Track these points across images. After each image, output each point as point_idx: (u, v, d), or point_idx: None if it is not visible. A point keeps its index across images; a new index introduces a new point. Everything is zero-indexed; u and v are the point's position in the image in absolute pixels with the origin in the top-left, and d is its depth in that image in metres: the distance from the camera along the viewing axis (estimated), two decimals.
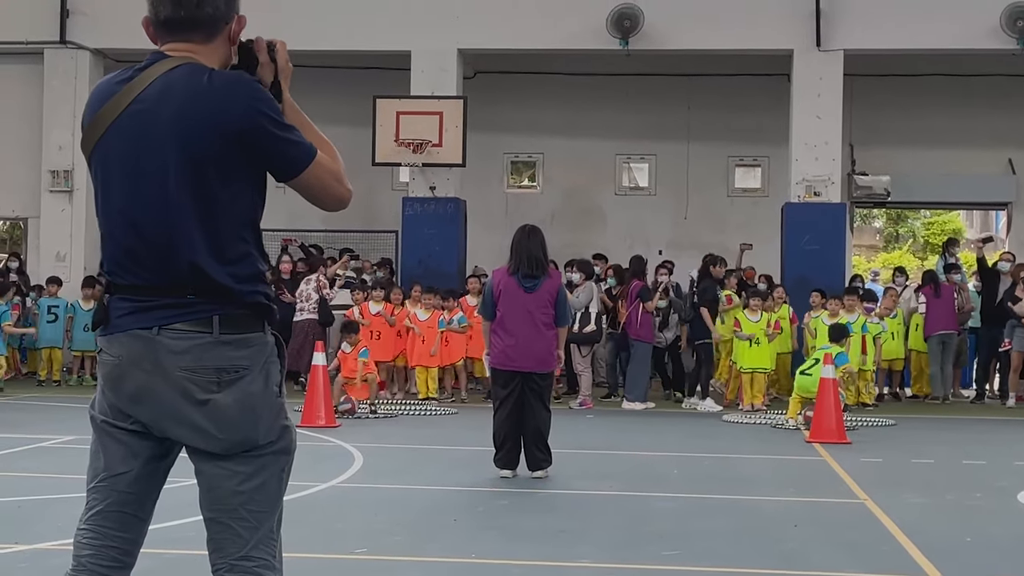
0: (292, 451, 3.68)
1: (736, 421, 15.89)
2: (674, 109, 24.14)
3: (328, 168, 3.67)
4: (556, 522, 8.65)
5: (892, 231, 51.88)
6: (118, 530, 3.70)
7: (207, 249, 3.52)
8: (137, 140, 3.55)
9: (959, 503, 9.76)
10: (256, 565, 3.60)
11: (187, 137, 3.49)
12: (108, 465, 3.68)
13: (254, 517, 3.60)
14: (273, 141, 3.55)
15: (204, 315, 3.52)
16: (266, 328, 3.62)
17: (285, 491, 3.70)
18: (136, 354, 3.54)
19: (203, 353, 3.51)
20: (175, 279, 3.53)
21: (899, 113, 23.48)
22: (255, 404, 3.55)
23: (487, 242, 21.59)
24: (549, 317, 10.65)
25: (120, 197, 3.59)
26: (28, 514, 8.56)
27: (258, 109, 3.53)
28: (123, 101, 3.57)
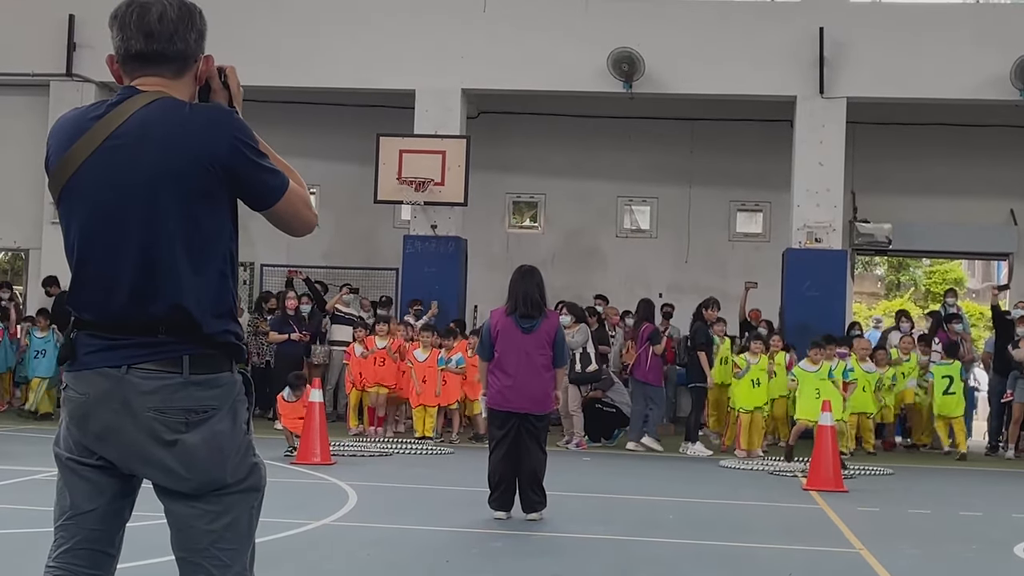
0: (262, 488, 3.67)
1: (734, 467, 15.83)
2: (676, 152, 24.21)
3: (299, 195, 3.68)
4: (550, 565, 8.59)
5: (894, 279, 51.85)
6: (88, 567, 3.67)
7: (189, 284, 3.51)
8: (117, 175, 3.51)
9: (955, 555, 9.70)
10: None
11: (173, 171, 3.47)
12: (74, 503, 3.64)
13: (226, 555, 3.57)
14: (255, 171, 3.56)
15: (174, 355, 3.49)
16: (234, 367, 3.60)
17: (256, 528, 3.68)
18: (103, 392, 3.50)
19: (172, 394, 3.47)
20: (149, 316, 3.49)
21: (901, 161, 23.54)
22: (223, 444, 3.53)
23: (488, 281, 21.58)
24: (547, 358, 10.62)
25: (96, 233, 3.54)
26: (17, 549, 8.50)
27: (242, 141, 3.54)
28: (98, 136, 3.53)
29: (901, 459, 17.72)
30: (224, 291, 3.59)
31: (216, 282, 3.56)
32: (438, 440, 17.61)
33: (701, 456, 17.09)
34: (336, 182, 24.53)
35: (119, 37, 3.61)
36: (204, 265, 3.53)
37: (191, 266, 3.50)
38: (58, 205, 3.61)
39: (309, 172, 24.55)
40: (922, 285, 49.56)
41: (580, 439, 17.44)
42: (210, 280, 3.54)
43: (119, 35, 3.61)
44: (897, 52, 20.61)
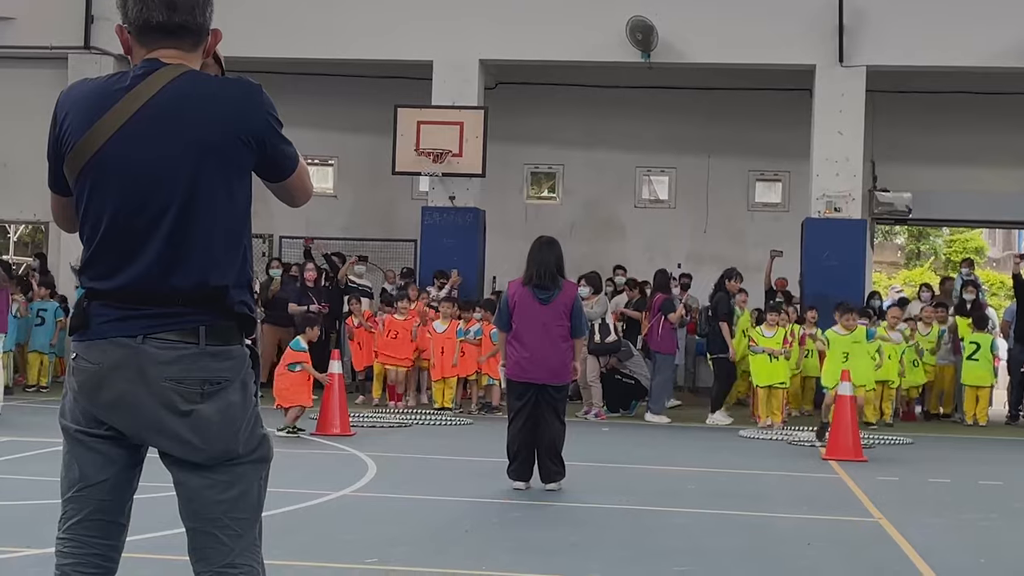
0: (269, 459, 3.70)
1: (753, 437, 15.83)
2: (695, 122, 24.11)
3: (304, 167, 3.76)
4: (568, 535, 8.62)
5: (914, 248, 51.69)
6: (100, 537, 3.70)
7: (220, 256, 3.54)
8: (152, 148, 3.49)
9: (974, 524, 9.70)
10: (241, 572, 3.61)
11: (212, 144, 3.49)
12: (84, 475, 3.65)
13: (237, 525, 3.60)
14: (280, 145, 3.63)
15: (190, 325, 3.50)
16: (243, 340, 3.62)
17: (264, 499, 3.71)
18: (118, 362, 3.50)
19: (190, 364, 3.49)
20: (172, 287, 3.49)
21: (921, 130, 23.41)
22: (235, 415, 3.55)
23: (506, 252, 21.56)
24: (564, 329, 10.61)
25: (127, 205, 3.51)
26: (39, 518, 8.56)
27: (272, 115, 3.59)
28: (129, 108, 3.50)
29: (920, 429, 17.70)
30: (245, 263, 3.62)
31: (243, 254, 3.60)
32: (457, 411, 17.66)
33: (721, 425, 17.10)
34: (354, 154, 24.54)
35: (136, 8, 3.57)
36: (235, 238, 3.57)
37: (226, 239, 3.54)
38: (78, 177, 3.57)
39: (327, 144, 24.65)
40: (942, 254, 49.38)
41: (599, 410, 17.46)
42: (238, 252, 3.58)
43: (137, 5, 3.57)
44: (917, 20, 20.45)
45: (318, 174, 25.45)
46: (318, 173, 25.47)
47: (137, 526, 4.00)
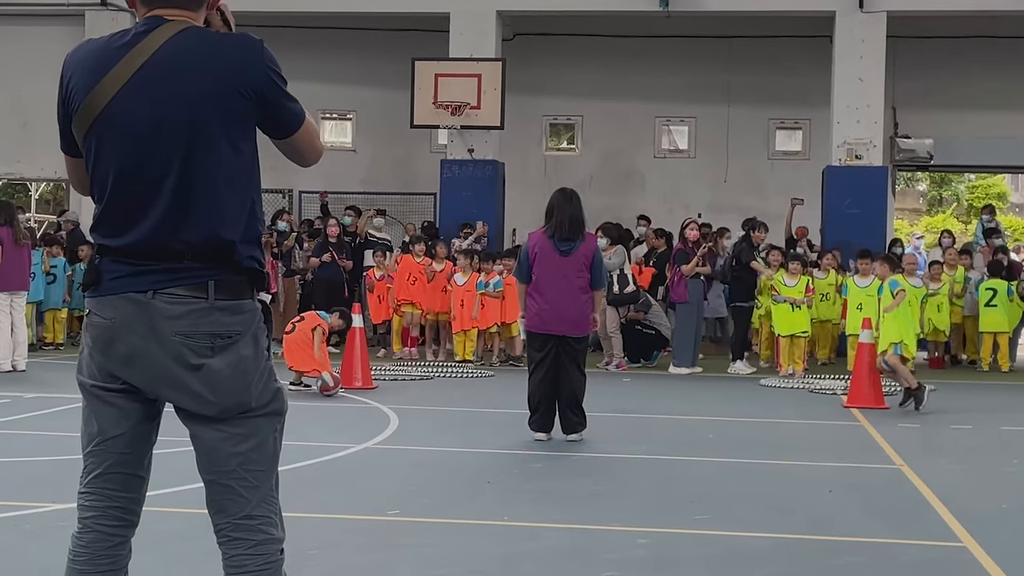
0: (284, 412, 3.73)
1: (774, 386, 15.83)
2: (714, 71, 23.99)
3: (312, 125, 3.75)
4: (589, 485, 8.65)
5: (936, 194, 51.41)
6: (120, 490, 3.74)
7: (228, 210, 3.55)
8: (156, 103, 3.51)
9: (995, 470, 9.70)
10: (259, 523, 3.64)
11: (214, 97, 3.50)
12: (102, 429, 3.69)
13: (254, 477, 3.64)
14: (282, 99, 3.62)
15: (199, 280, 3.52)
16: (254, 295, 3.64)
17: (280, 451, 3.74)
18: (130, 317, 3.53)
19: (199, 319, 3.51)
20: (181, 242, 3.52)
21: (942, 76, 23.25)
22: (247, 369, 3.58)
23: (525, 205, 21.55)
24: (585, 280, 10.61)
25: (133, 161, 3.54)
26: (62, 473, 8.63)
27: (272, 69, 3.60)
28: (132, 65, 3.52)
29: (943, 375, 17.67)
30: (253, 218, 3.63)
31: (249, 208, 3.61)
32: (478, 363, 17.70)
33: (742, 375, 17.11)
34: (372, 108, 24.50)
35: None
36: (242, 191, 3.58)
37: (231, 192, 3.55)
38: (85, 136, 3.60)
39: (345, 98, 24.63)
40: (964, 200, 49.11)
41: (620, 360, 17.48)
42: (244, 206, 3.60)
43: None
44: None
45: (336, 128, 25.44)
46: (336, 127, 25.46)
47: (158, 480, 4.03)
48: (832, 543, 6.98)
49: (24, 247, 15.91)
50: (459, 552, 6.54)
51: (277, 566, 3.67)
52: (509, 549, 6.69)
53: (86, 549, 3.73)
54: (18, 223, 16.08)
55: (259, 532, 3.64)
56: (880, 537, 7.15)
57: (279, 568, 3.68)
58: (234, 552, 3.64)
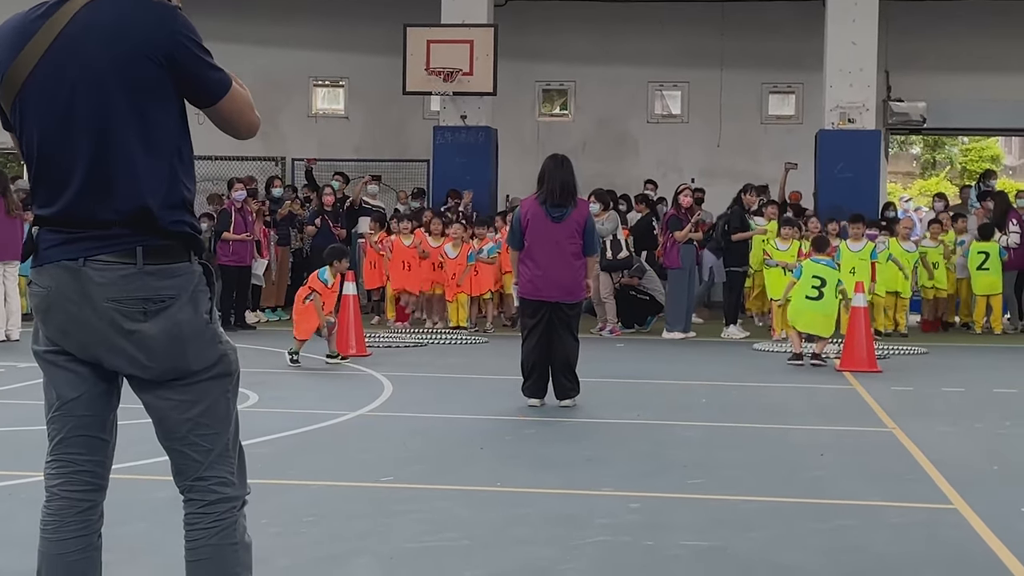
0: (233, 372, 3.77)
1: (766, 350, 15.86)
2: (707, 35, 23.94)
3: (242, 95, 3.73)
4: (582, 451, 8.69)
5: (929, 158, 51.39)
6: (85, 454, 3.78)
7: (144, 177, 3.57)
8: (68, 74, 3.55)
9: (988, 432, 9.74)
10: (211, 484, 3.72)
11: (119, 65, 3.52)
12: (60, 394, 3.75)
13: (206, 440, 3.70)
14: (198, 66, 3.60)
15: (127, 246, 3.56)
16: (192, 258, 3.66)
17: (234, 408, 3.80)
18: (64, 285, 3.59)
19: (127, 284, 3.56)
20: (104, 210, 3.56)
21: (935, 38, 23.21)
22: (182, 332, 3.61)
23: (519, 171, 21.53)
24: (577, 247, 10.61)
25: (52, 133, 3.58)
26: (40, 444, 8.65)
27: (184, 34, 3.58)
28: (47, 38, 3.56)
29: (936, 338, 17.72)
30: (176, 184, 3.64)
31: (168, 175, 3.62)
32: (472, 329, 17.72)
33: (736, 339, 17.14)
34: (364, 75, 24.44)
35: None
36: (156, 158, 3.60)
37: (144, 159, 3.57)
38: (11, 111, 3.65)
39: (337, 65, 24.58)
40: (958, 163, 49.10)
41: (613, 326, 17.50)
42: (162, 173, 3.61)
43: None
44: None
45: (328, 95, 25.38)
46: (328, 95, 25.40)
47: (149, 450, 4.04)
48: (824, 506, 7.02)
49: (17, 217, 15.89)
50: (453, 518, 6.57)
51: (227, 524, 3.73)
52: (502, 514, 6.73)
53: (54, 517, 3.77)
54: (11, 193, 16.04)
55: (210, 492, 3.72)
56: (871, 500, 7.19)
57: (231, 525, 3.73)
58: (188, 511, 3.74)
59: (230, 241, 17.21)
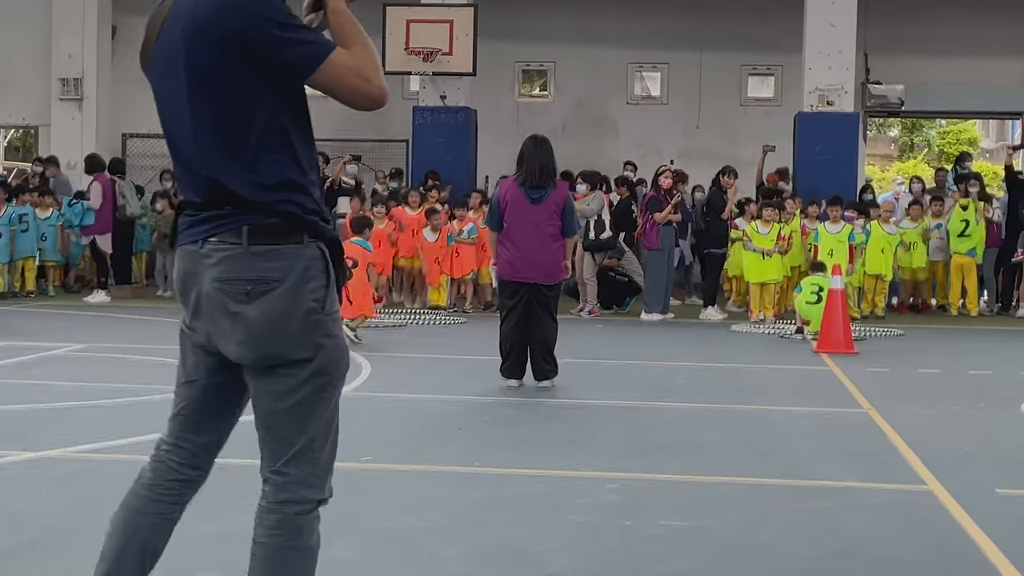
0: (332, 372, 3.60)
1: (744, 331, 15.92)
2: (687, 17, 23.92)
3: (346, 65, 3.56)
4: (561, 432, 8.71)
5: (907, 140, 51.51)
6: (191, 433, 3.79)
7: (228, 160, 3.53)
8: (164, 61, 3.61)
9: (963, 413, 9.80)
10: (287, 481, 3.60)
11: (194, 49, 3.50)
12: (184, 372, 3.79)
13: (290, 435, 3.58)
14: (275, 43, 3.49)
15: (235, 226, 3.52)
16: (305, 239, 3.56)
17: (328, 413, 3.63)
18: (189, 268, 3.61)
19: (233, 264, 3.51)
20: (209, 193, 3.56)
21: (914, 21, 23.24)
22: (283, 318, 3.51)
23: (498, 152, 21.50)
24: (556, 228, 10.63)
25: (164, 120, 3.67)
26: (38, 422, 8.65)
27: (255, 12, 3.49)
28: (156, 25, 3.64)
29: (913, 320, 17.81)
30: (273, 163, 3.55)
31: (263, 155, 3.54)
32: (451, 310, 17.73)
33: (714, 320, 17.19)
34: None
35: None
36: (249, 139, 3.53)
37: (237, 141, 3.52)
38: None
39: None
40: (936, 146, 49.24)
41: (592, 307, 17.54)
42: (249, 153, 3.53)
43: None
44: None
45: None
46: None
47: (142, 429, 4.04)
48: (800, 487, 7.06)
49: None
50: (431, 498, 6.59)
51: (295, 525, 3.61)
52: (481, 495, 6.75)
53: (147, 475, 3.82)
54: None
55: (284, 489, 3.60)
56: (848, 481, 7.24)
57: (298, 527, 3.61)
58: (260, 502, 3.65)
59: None
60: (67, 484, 6.76)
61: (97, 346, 12.98)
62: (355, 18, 3.72)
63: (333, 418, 3.67)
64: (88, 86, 22.54)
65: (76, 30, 22.26)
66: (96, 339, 13.58)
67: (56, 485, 6.74)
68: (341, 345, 3.63)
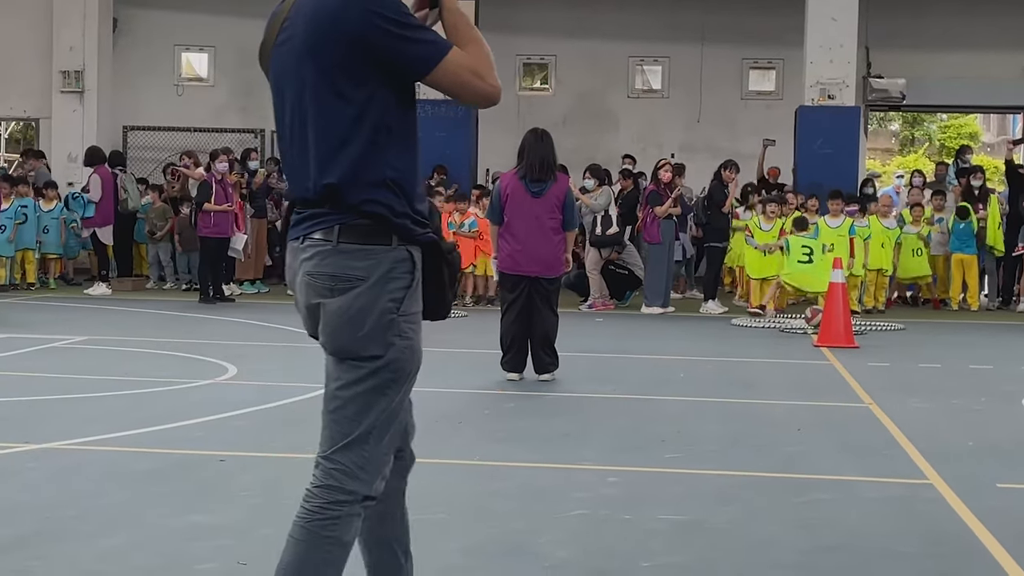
0: (398, 370, 3.66)
1: (744, 325, 15.92)
2: (688, 10, 23.90)
3: (463, 64, 3.64)
4: (561, 425, 8.71)
5: (908, 134, 51.47)
6: None
7: (337, 158, 3.61)
8: (281, 62, 3.71)
9: (964, 408, 9.80)
10: (335, 468, 3.67)
11: (313, 50, 3.59)
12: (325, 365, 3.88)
13: (346, 423, 3.66)
14: (393, 42, 3.55)
15: (329, 225, 3.63)
16: (394, 241, 3.62)
17: (389, 409, 3.69)
18: (291, 263, 3.78)
19: (321, 260, 3.63)
20: (315, 192, 3.65)
21: (916, 15, 23.22)
22: (359, 315, 3.60)
23: (499, 145, 21.48)
24: (557, 222, 10.63)
25: (279, 118, 3.77)
26: (38, 414, 8.65)
27: (374, 12, 3.54)
28: (276, 25, 3.74)
29: (913, 314, 17.80)
30: (375, 162, 3.62)
31: (365, 153, 3.61)
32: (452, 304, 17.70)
33: (714, 314, 17.19)
34: None
35: None
36: (351, 138, 3.60)
37: (338, 139, 3.60)
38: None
39: None
40: (937, 140, 49.20)
41: (597, 300, 17.54)
42: (356, 151, 3.60)
43: None
44: None
45: None
46: None
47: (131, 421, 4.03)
48: (800, 481, 7.06)
49: None
50: (432, 492, 6.56)
51: (333, 515, 3.64)
52: (481, 488, 6.75)
53: None
54: None
55: (330, 476, 3.66)
56: (848, 475, 7.24)
57: (336, 518, 3.64)
58: (308, 486, 3.71)
59: (211, 212, 17.20)
60: (68, 476, 6.76)
61: (98, 338, 12.98)
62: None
63: (393, 417, 3.71)
64: (89, 78, 22.51)
65: (77, 22, 22.22)
66: (97, 331, 13.58)
67: (57, 477, 6.74)
68: (413, 347, 3.70)
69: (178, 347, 12.23)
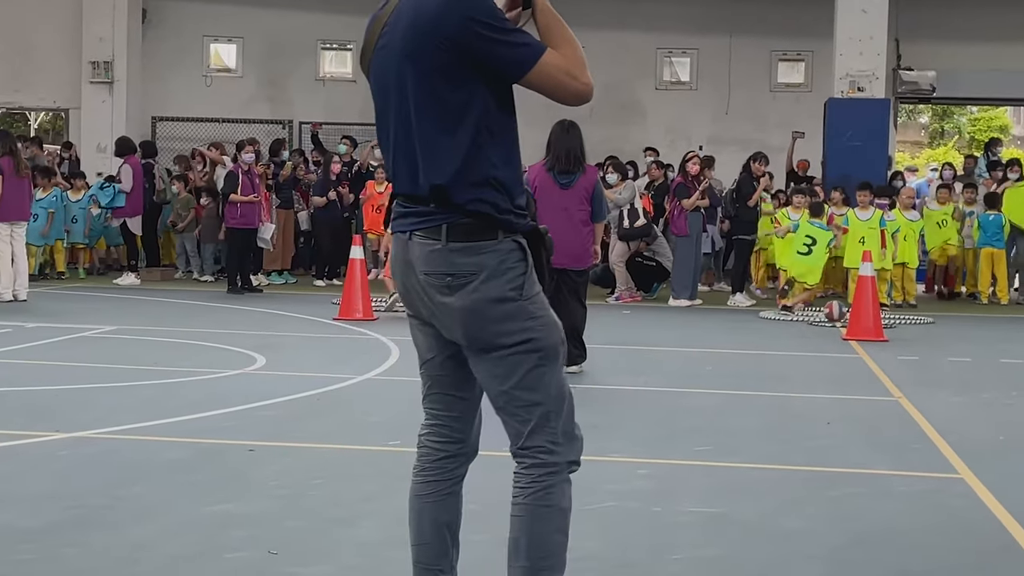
0: (543, 348, 3.74)
1: (773, 318, 15.86)
2: (717, 2, 23.82)
3: (557, 65, 3.75)
4: (589, 417, 8.59)
5: (938, 127, 51.22)
6: (442, 409, 3.99)
7: (435, 157, 3.69)
8: (382, 65, 3.79)
9: (994, 402, 9.74)
10: (534, 451, 3.80)
11: (413, 53, 3.67)
12: (420, 353, 3.99)
13: (522, 411, 3.77)
14: (489, 45, 3.64)
15: (436, 224, 3.71)
16: (500, 235, 3.70)
17: (553, 383, 3.78)
18: (398, 254, 3.86)
19: (433, 259, 3.72)
20: (416, 190, 3.74)
21: (946, 7, 23.06)
22: (483, 308, 3.69)
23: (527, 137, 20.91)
24: (585, 213, 10.59)
25: (379, 113, 3.85)
26: (69, 403, 8.68)
27: (470, 16, 3.61)
28: (377, 28, 3.81)
29: (943, 308, 17.71)
30: (479, 162, 3.70)
31: (467, 154, 3.68)
32: None
33: (742, 307, 17.13)
34: None
35: None
36: (453, 137, 3.67)
37: (440, 139, 3.68)
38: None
39: (344, 28, 24.43)
40: (966, 133, 48.95)
41: (621, 292, 17.51)
42: (460, 152, 3.68)
43: None
44: None
45: (336, 59, 25.26)
46: (336, 58, 25.28)
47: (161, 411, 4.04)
48: (830, 474, 7.03)
49: (25, 177, 15.90)
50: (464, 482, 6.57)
51: (543, 486, 3.79)
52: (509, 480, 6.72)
53: (418, 462, 4.05)
54: (19, 153, 16.05)
55: (531, 458, 3.80)
56: (878, 469, 7.20)
57: (546, 488, 3.80)
58: (514, 472, 3.85)
59: (238, 203, 17.24)
60: (99, 465, 6.78)
61: (127, 328, 13.03)
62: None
63: (562, 387, 3.82)
64: (118, 69, 22.57)
65: (107, 13, 22.27)
66: (126, 321, 13.63)
67: (88, 466, 6.76)
68: (548, 322, 3.78)
69: (207, 337, 12.29)
